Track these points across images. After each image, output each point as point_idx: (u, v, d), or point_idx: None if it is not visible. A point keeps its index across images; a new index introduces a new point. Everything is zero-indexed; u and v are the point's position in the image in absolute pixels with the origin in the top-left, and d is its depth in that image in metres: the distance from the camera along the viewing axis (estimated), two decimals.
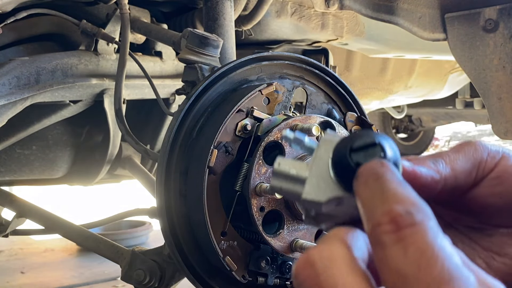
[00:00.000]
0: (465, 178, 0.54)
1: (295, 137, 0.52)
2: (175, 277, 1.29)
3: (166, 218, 1.08)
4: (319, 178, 0.47)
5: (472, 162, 0.55)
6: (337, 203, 0.47)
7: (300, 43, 2.09)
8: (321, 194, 0.47)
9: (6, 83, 1.36)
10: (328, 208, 0.48)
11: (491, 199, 0.55)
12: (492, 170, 0.55)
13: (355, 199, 0.45)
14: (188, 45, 1.26)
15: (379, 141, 0.45)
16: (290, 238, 1.07)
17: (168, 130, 1.09)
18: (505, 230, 0.57)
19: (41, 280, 2.88)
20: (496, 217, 0.56)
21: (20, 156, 1.79)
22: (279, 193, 0.51)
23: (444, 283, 0.36)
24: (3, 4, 1.27)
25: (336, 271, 0.40)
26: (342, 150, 0.46)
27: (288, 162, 0.50)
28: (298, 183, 0.49)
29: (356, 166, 0.44)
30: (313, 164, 0.48)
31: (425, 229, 0.38)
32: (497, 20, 1.55)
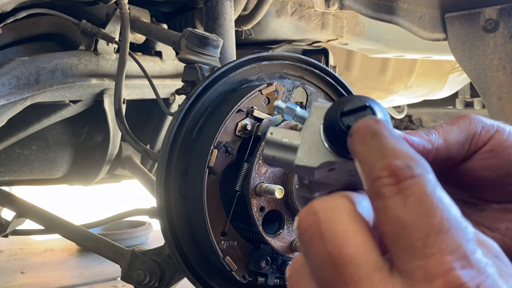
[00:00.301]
0: (457, 150, 0.55)
1: (287, 106, 0.53)
2: (175, 277, 1.29)
3: (166, 218, 1.08)
4: (311, 144, 0.47)
5: (465, 134, 0.55)
6: (329, 169, 0.48)
7: (300, 43, 2.09)
8: (313, 159, 0.47)
9: (6, 83, 1.35)
10: (321, 174, 0.48)
11: (484, 172, 0.55)
12: (486, 143, 0.55)
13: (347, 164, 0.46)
14: (188, 45, 1.26)
15: (370, 103, 0.45)
16: (290, 238, 1.07)
17: (168, 130, 1.09)
18: (497, 205, 0.57)
19: (41, 280, 2.88)
20: (489, 191, 0.57)
21: (20, 156, 1.79)
22: (271, 162, 0.52)
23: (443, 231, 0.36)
24: (3, 4, 1.27)
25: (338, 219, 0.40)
26: (333, 114, 0.46)
27: (280, 131, 0.51)
28: (291, 151, 0.49)
29: (347, 129, 0.44)
30: (304, 131, 0.48)
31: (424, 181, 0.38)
32: (497, 20, 1.55)
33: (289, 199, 1.04)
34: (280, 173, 1.05)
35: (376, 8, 1.72)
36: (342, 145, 0.45)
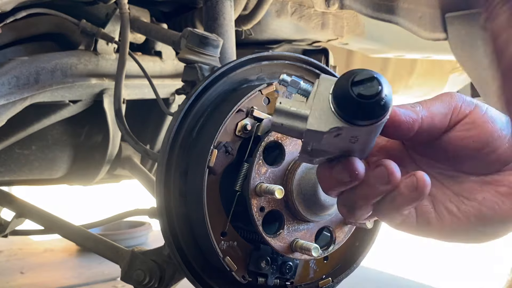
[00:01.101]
0: (440, 120, 0.61)
1: (292, 80, 0.58)
2: (175, 277, 1.29)
3: (166, 218, 1.07)
4: (321, 111, 0.52)
5: (448, 107, 0.61)
6: (336, 134, 0.53)
7: (300, 43, 2.09)
8: (323, 125, 0.52)
9: (6, 83, 1.35)
10: (327, 139, 0.54)
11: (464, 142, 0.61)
12: (466, 116, 0.62)
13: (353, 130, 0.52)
14: (188, 45, 1.26)
15: (376, 75, 0.51)
16: (290, 238, 1.06)
17: (168, 130, 1.09)
18: (475, 177, 0.63)
19: (41, 280, 2.88)
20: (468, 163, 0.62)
21: (20, 156, 1.79)
22: (279, 130, 0.57)
23: None
24: (3, 4, 1.27)
25: None
26: (344, 84, 0.51)
27: (288, 101, 0.56)
28: (298, 119, 0.55)
29: (358, 97, 0.50)
30: (314, 100, 0.53)
31: None
32: None
33: (289, 199, 1.04)
34: (280, 173, 1.05)
35: (376, 8, 1.71)
36: (351, 112, 0.51)
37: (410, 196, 0.58)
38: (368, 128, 0.53)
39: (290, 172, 1.05)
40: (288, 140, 1.06)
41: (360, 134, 0.54)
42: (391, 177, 0.58)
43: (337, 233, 1.13)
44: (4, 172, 1.80)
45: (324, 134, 0.52)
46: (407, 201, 0.59)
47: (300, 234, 1.08)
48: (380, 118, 0.52)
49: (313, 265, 1.18)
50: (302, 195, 1.04)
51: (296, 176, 1.04)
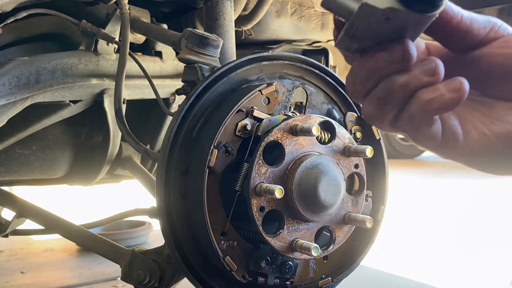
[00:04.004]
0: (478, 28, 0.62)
1: None
2: (175, 277, 1.29)
3: (166, 218, 1.08)
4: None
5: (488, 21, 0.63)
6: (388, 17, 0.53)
7: (300, 43, 2.09)
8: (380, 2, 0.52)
9: (6, 83, 1.36)
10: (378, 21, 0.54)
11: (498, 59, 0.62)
12: (504, 36, 0.63)
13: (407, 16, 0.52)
14: (188, 45, 1.26)
15: None
16: (290, 238, 1.07)
17: (168, 130, 1.09)
18: (505, 102, 0.63)
19: (41, 280, 2.88)
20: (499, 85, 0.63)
21: (20, 156, 1.79)
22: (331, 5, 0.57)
23: None
24: (3, 4, 1.27)
25: None
26: None
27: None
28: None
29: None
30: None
31: None
32: None
33: (289, 199, 1.04)
34: (280, 173, 1.05)
35: None
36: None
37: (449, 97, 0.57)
38: (420, 17, 0.53)
39: (290, 172, 1.05)
40: (288, 140, 1.06)
41: (410, 24, 0.55)
42: (437, 69, 0.58)
43: (337, 233, 1.13)
44: (5, 172, 1.81)
45: (379, 12, 0.52)
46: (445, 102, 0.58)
47: (300, 233, 1.08)
48: (436, 8, 0.52)
49: (313, 265, 1.18)
50: (302, 195, 1.04)
51: (296, 176, 1.04)
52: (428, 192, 5.73)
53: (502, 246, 3.43)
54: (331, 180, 1.05)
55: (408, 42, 0.58)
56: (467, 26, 0.62)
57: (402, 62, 0.59)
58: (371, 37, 0.58)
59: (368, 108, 0.63)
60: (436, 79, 0.58)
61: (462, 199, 5.11)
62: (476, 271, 2.97)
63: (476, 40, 0.63)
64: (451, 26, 0.61)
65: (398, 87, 0.59)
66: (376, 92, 0.61)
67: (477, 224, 4.11)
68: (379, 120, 0.63)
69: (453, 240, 3.67)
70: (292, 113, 1.17)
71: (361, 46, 0.61)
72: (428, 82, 0.58)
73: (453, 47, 0.65)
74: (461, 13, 0.61)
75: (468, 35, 0.62)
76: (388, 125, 0.63)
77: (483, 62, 0.63)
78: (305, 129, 1.04)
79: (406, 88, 0.59)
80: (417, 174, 7.00)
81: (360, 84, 0.62)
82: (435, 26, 0.60)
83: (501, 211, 4.52)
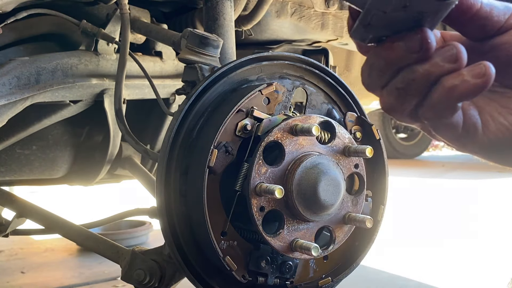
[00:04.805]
0: (498, 15, 0.60)
1: None
2: (175, 277, 1.30)
3: (166, 218, 1.08)
4: None
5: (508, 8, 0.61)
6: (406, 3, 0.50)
7: (300, 43, 2.09)
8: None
9: (6, 83, 1.36)
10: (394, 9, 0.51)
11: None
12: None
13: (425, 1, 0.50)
14: (188, 45, 1.26)
15: None
16: (290, 238, 1.07)
17: (168, 130, 1.09)
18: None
19: (41, 280, 2.89)
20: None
21: (20, 156, 1.79)
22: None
23: None
24: (3, 4, 1.27)
25: None
26: None
27: None
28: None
29: None
30: None
31: None
32: None
33: (289, 199, 1.04)
34: (280, 173, 1.05)
35: None
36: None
37: (474, 83, 0.55)
38: (439, 4, 0.51)
39: (290, 172, 1.05)
40: (288, 140, 1.06)
41: (428, 12, 0.52)
42: (460, 55, 0.56)
43: (336, 233, 1.13)
44: (5, 172, 1.81)
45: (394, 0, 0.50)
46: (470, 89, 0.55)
47: (300, 233, 1.08)
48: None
49: (313, 265, 1.18)
50: (302, 195, 1.04)
51: (296, 176, 1.04)
52: (428, 192, 5.73)
53: (502, 246, 3.43)
54: (331, 180, 1.06)
55: (427, 30, 0.56)
56: (487, 13, 0.60)
57: (421, 51, 0.56)
58: (387, 26, 0.56)
59: (387, 99, 0.60)
60: (459, 65, 0.56)
61: (462, 199, 5.11)
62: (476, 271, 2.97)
63: (496, 27, 0.61)
64: (471, 13, 0.59)
65: (420, 76, 0.57)
66: (396, 83, 0.59)
67: (477, 224, 4.11)
68: (400, 111, 0.61)
69: (453, 240, 3.67)
70: (292, 113, 1.17)
71: (377, 35, 0.58)
72: (451, 68, 0.56)
73: (472, 36, 0.63)
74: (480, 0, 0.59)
75: (488, 23, 0.60)
76: (408, 116, 0.61)
77: (502, 50, 0.61)
78: (305, 129, 1.04)
79: (428, 77, 0.57)
80: (417, 174, 7.00)
81: (377, 75, 0.60)
82: (454, 14, 0.57)
83: (501, 211, 4.52)
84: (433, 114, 0.59)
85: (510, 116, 0.61)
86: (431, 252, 3.37)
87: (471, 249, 3.42)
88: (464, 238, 3.70)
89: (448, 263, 3.13)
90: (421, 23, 0.55)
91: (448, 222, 4.25)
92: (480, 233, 3.83)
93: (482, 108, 0.62)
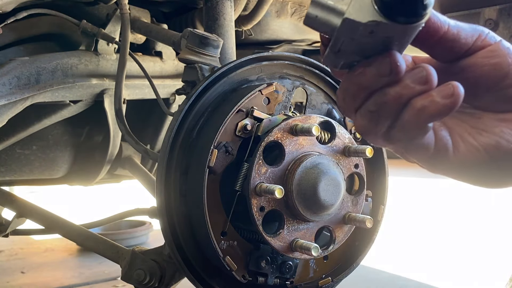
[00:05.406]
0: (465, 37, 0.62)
1: None
2: (175, 277, 1.30)
3: (166, 218, 1.08)
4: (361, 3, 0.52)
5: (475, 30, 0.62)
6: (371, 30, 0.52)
7: (300, 43, 2.09)
8: (362, 16, 0.51)
9: (7, 83, 1.36)
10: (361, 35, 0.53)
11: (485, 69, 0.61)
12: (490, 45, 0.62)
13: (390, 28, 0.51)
14: (188, 45, 1.26)
15: None
16: (290, 238, 1.07)
17: (168, 130, 1.09)
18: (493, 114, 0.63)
19: (41, 280, 2.89)
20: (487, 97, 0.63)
21: (21, 156, 1.79)
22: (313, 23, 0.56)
23: None
24: (4, 4, 1.28)
25: None
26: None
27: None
28: (334, 14, 0.54)
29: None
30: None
31: None
32: (497, 20, 1.55)
33: (289, 199, 1.04)
34: (280, 173, 1.05)
35: None
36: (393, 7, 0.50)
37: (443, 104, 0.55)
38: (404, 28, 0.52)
39: (290, 172, 1.05)
40: (288, 140, 1.06)
41: (395, 36, 0.54)
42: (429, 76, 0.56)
43: (336, 233, 1.13)
44: (5, 172, 1.81)
45: (361, 27, 0.51)
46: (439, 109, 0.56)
47: (300, 233, 1.08)
48: (420, 18, 0.51)
49: (313, 265, 1.18)
50: (302, 195, 1.04)
51: (296, 176, 1.04)
52: (428, 192, 5.73)
53: (501, 245, 3.43)
54: (331, 180, 1.06)
55: (395, 54, 0.57)
56: (454, 36, 0.61)
57: (391, 74, 0.57)
58: (357, 52, 0.57)
59: (361, 122, 0.62)
60: (429, 87, 0.57)
61: (462, 199, 5.11)
62: (475, 270, 2.97)
63: (464, 49, 0.62)
64: (438, 36, 0.60)
65: (391, 99, 0.58)
66: (368, 106, 0.60)
67: (477, 224, 4.11)
68: (373, 133, 0.62)
69: (453, 239, 3.67)
70: (292, 113, 1.17)
71: (348, 61, 0.60)
72: (421, 90, 0.57)
73: (440, 58, 0.64)
74: (448, 22, 0.60)
75: (455, 45, 0.62)
76: (381, 138, 0.62)
77: (469, 72, 0.62)
78: (305, 129, 1.04)
79: (399, 100, 0.58)
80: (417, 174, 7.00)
81: (350, 99, 0.61)
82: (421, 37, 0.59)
83: (500, 211, 4.52)
84: (404, 136, 0.60)
85: (480, 137, 0.62)
86: (431, 252, 3.37)
87: (471, 249, 3.42)
88: (464, 238, 3.70)
89: (448, 263, 3.13)
90: (390, 46, 0.56)
91: (448, 222, 4.25)
92: (479, 233, 3.83)
93: (453, 129, 0.64)
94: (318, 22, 0.55)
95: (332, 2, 0.54)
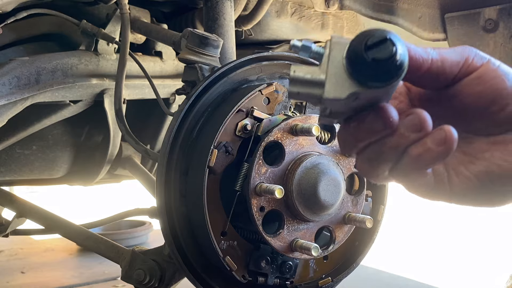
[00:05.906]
0: (451, 66, 0.61)
1: (303, 44, 0.56)
2: (175, 277, 1.30)
3: (166, 218, 1.08)
4: (337, 77, 0.52)
5: (460, 56, 0.62)
6: (354, 98, 0.52)
7: None
8: (340, 91, 0.52)
9: (7, 83, 1.36)
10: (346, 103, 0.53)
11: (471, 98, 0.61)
12: (476, 70, 0.61)
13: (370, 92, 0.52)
14: (188, 45, 1.26)
15: (389, 36, 0.51)
16: (290, 238, 1.07)
17: (168, 130, 1.09)
18: (484, 138, 0.63)
19: (41, 280, 2.89)
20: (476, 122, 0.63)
21: (20, 156, 1.79)
22: (296, 98, 0.56)
23: None
24: (4, 4, 1.28)
25: None
26: (358, 48, 0.50)
27: (302, 68, 0.55)
28: (315, 86, 0.54)
29: (372, 62, 0.49)
30: (328, 65, 0.52)
31: None
32: (497, 20, 1.55)
33: (289, 199, 1.04)
34: (280, 173, 1.05)
35: (376, 8, 1.72)
36: (368, 76, 0.50)
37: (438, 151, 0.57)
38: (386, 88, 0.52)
39: (290, 172, 1.05)
40: (288, 140, 1.06)
41: (378, 94, 0.54)
42: (423, 124, 0.57)
43: (336, 233, 1.13)
44: (5, 172, 1.81)
45: (342, 101, 0.52)
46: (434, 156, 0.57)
47: (300, 233, 1.08)
48: (397, 78, 0.51)
49: (313, 265, 1.18)
50: (302, 195, 1.04)
51: (296, 176, 1.04)
52: None
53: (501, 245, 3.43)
54: (331, 180, 1.06)
55: (387, 107, 0.57)
56: (438, 68, 0.61)
57: (386, 129, 0.58)
58: (348, 111, 0.58)
59: (361, 165, 0.64)
60: (423, 134, 0.58)
61: None
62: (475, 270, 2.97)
63: (449, 78, 0.62)
64: (422, 71, 0.60)
65: (388, 149, 0.60)
66: (367, 154, 0.62)
67: (476, 223, 4.11)
68: (374, 176, 0.64)
69: (452, 239, 3.67)
70: (292, 113, 1.17)
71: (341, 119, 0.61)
72: (416, 138, 0.58)
73: (427, 88, 0.65)
74: (431, 55, 0.60)
75: (440, 76, 0.61)
76: (383, 179, 0.64)
77: (457, 101, 0.62)
78: (305, 129, 1.04)
79: (396, 149, 0.60)
80: None
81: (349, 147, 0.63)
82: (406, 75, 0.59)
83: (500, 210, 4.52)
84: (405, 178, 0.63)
85: (471, 166, 0.62)
86: (431, 252, 3.37)
87: (471, 248, 3.42)
88: (464, 237, 3.70)
89: (448, 263, 3.13)
90: (378, 101, 0.57)
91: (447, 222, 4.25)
92: (479, 232, 3.83)
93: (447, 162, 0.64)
94: (301, 96, 0.55)
95: (309, 76, 0.54)
